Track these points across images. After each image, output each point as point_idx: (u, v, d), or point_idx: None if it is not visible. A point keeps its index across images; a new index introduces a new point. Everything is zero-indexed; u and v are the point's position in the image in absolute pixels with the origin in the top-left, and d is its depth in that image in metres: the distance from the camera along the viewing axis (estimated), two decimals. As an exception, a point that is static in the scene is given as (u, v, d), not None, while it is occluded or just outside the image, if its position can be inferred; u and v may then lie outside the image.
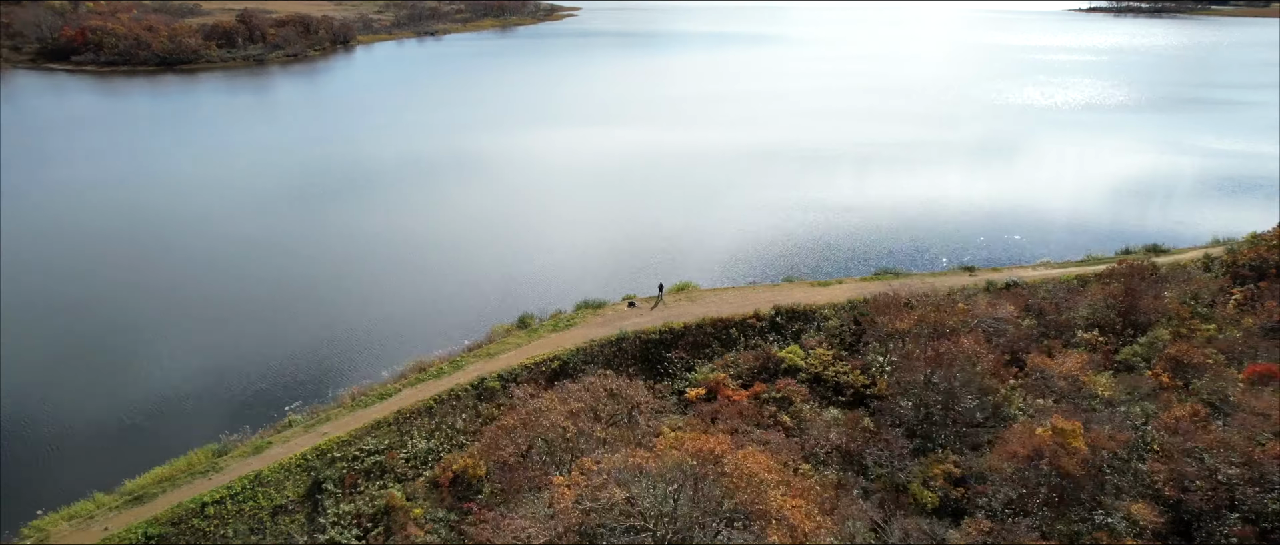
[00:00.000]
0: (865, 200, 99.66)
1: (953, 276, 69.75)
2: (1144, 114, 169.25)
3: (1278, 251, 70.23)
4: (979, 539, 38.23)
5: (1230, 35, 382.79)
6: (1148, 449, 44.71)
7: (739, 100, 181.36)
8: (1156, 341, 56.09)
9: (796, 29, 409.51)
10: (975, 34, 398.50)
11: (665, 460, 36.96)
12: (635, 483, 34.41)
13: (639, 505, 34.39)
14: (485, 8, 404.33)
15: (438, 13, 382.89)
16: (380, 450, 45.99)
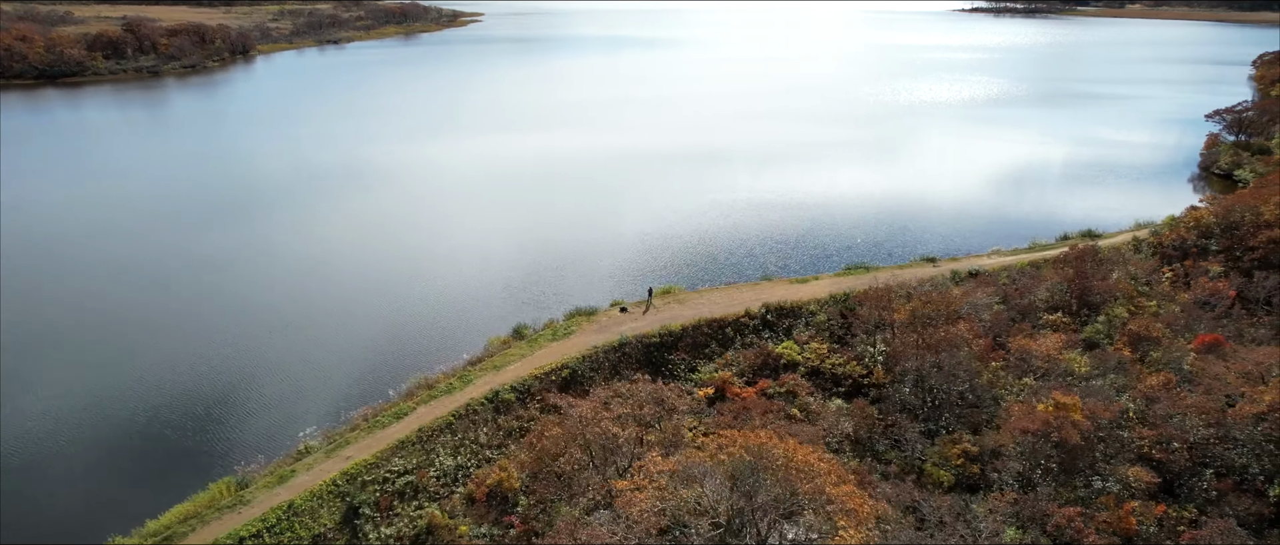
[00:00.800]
0: (815, 199, 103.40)
1: (918, 268, 73.69)
2: (1041, 109, 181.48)
3: (1194, 233, 77.59)
4: (1008, 508, 41.09)
5: (1094, 34, 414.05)
6: (1128, 418, 48.78)
7: (657, 104, 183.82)
8: (1114, 319, 61.15)
9: (692, 32, 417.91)
10: (868, 34, 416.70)
11: (720, 457, 38.25)
12: (710, 479, 35.43)
13: (713, 502, 35.45)
14: (387, 14, 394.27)
15: (338, 20, 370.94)
16: (410, 470, 45.30)
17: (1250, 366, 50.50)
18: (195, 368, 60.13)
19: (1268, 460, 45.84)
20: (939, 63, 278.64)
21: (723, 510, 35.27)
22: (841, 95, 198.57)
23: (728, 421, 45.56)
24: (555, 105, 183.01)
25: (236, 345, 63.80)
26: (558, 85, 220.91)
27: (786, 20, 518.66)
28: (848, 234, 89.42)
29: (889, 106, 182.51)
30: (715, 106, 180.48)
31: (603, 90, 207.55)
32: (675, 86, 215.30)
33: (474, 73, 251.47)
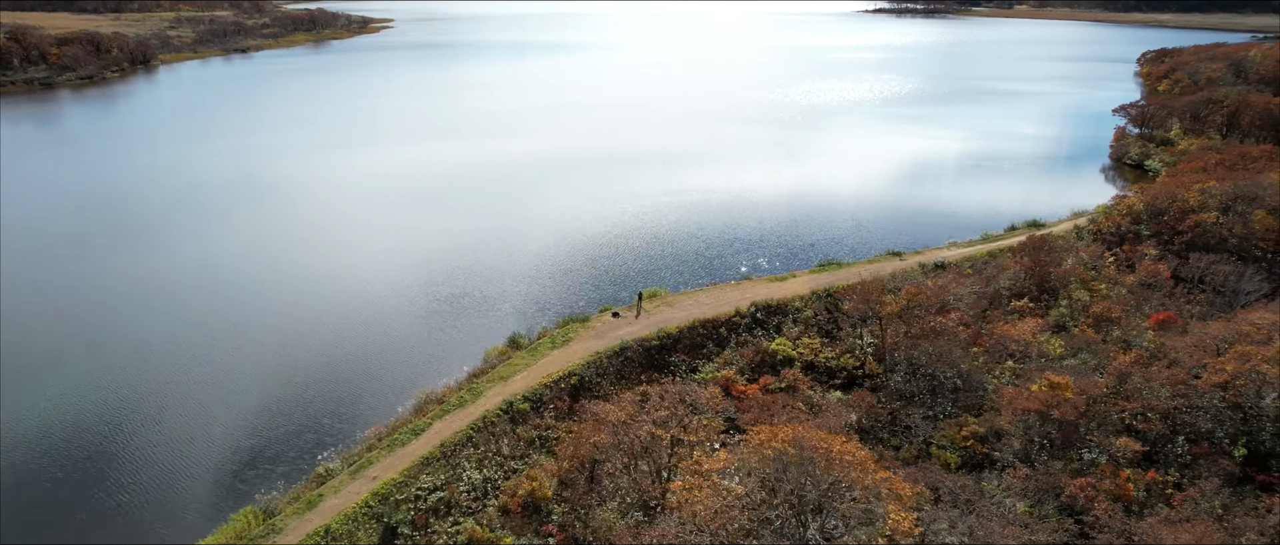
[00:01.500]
0: (767, 199, 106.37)
1: (886, 262, 77.14)
2: (956, 106, 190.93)
3: (1128, 219, 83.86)
4: (1021, 483, 43.99)
5: (989, 33, 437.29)
6: (1109, 394, 52.73)
7: (586, 109, 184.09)
8: (1076, 302, 65.76)
9: (599, 36, 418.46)
10: (775, 36, 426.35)
11: (763, 452, 39.64)
12: (768, 473, 36.71)
13: (765, 497, 36.75)
14: (294, 21, 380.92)
15: (243, 28, 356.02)
16: (439, 486, 44.93)
17: (1208, 340, 55.37)
18: (181, 398, 57.56)
19: (1230, 424, 50.43)
20: (850, 62, 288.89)
21: (778, 503, 36.61)
22: (763, 98, 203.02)
23: (753, 418, 46.92)
24: (484, 112, 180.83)
25: (224, 370, 61.33)
26: (481, 92, 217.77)
27: (690, 22, 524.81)
28: (807, 232, 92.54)
29: (817, 108, 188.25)
30: (643, 111, 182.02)
31: (525, 97, 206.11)
32: (599, 91, 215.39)
33: (394, 80, 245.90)
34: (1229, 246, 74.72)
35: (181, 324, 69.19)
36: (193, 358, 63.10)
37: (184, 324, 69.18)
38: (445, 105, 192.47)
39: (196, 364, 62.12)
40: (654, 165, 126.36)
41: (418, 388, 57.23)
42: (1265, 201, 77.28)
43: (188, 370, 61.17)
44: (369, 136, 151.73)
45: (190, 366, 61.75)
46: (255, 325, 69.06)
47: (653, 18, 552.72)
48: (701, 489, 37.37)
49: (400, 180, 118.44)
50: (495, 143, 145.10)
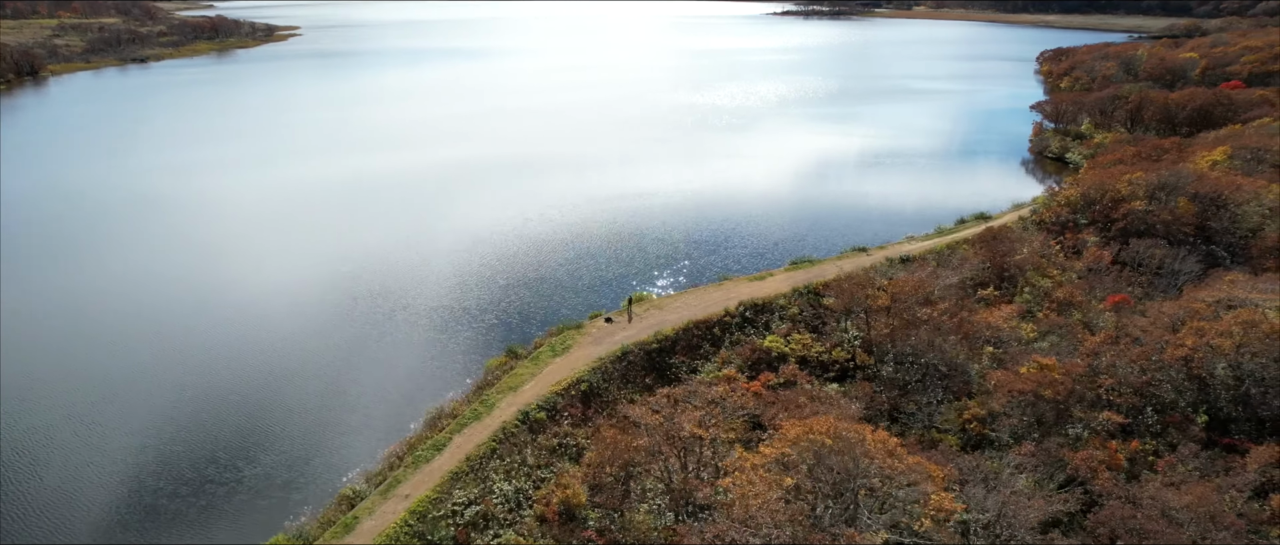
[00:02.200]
0: (723, 200, 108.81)
1: (854, 257, 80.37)
2: (876, 105, 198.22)
3: (1067, 210, 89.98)
4: (1029, 459, 47.18)
5: (893, 33, 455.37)
6: (1090, 372, 56.86)
7: (509, 115, 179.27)
8: (1038, 289, 70.37)
9: (510, 41, 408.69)
10: (685, 39, 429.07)
11: (801, 445, 41.37)
12: (813, 463, 38.38)
13: (814, 487, 38.43)
14: (194, 30, 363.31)
15: (138, 37, 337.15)
16: (474, 500, 44.83)
17: (1164, 319, 60.36)
18: (180, 423, 55.16)
19: (1191, 395, 55.23)
20: (766, 64, 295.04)
21: (828, 491, 38.36)
22: (687, 101, 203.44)
23: (774, 414, 48.57)
24: (410, 121, 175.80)
25: (220, 395, 59.02)
26: (403, 100, 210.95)
27: (593, 27, 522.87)
28: (768, 232, 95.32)
29: (744, 110, 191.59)
30: (569, 117, 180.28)
31: (447, 104, 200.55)
32: (521, 98, 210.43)
33: (309, 90, 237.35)
34: (1158, 231, 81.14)
35: (160, 345, 66.10)
36: (178, 387, 60.48)
37: (162, 345, 66.12)
38: (368, 115, 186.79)
39: (180, 393, 59.59)
40: (595, 171, 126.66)
41: (422, 403, 56.76)
42: (1185, 189, 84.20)
43: (173, 401, 58.61)
44: (296, 149, 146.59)
45: (173, 397, 59.18)
46: (235, 350, 66.57)
47: (557, 23, 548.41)
48: (755, 483, 38.72)
49: (340, 194, 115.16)
50: (427, 152, 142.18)
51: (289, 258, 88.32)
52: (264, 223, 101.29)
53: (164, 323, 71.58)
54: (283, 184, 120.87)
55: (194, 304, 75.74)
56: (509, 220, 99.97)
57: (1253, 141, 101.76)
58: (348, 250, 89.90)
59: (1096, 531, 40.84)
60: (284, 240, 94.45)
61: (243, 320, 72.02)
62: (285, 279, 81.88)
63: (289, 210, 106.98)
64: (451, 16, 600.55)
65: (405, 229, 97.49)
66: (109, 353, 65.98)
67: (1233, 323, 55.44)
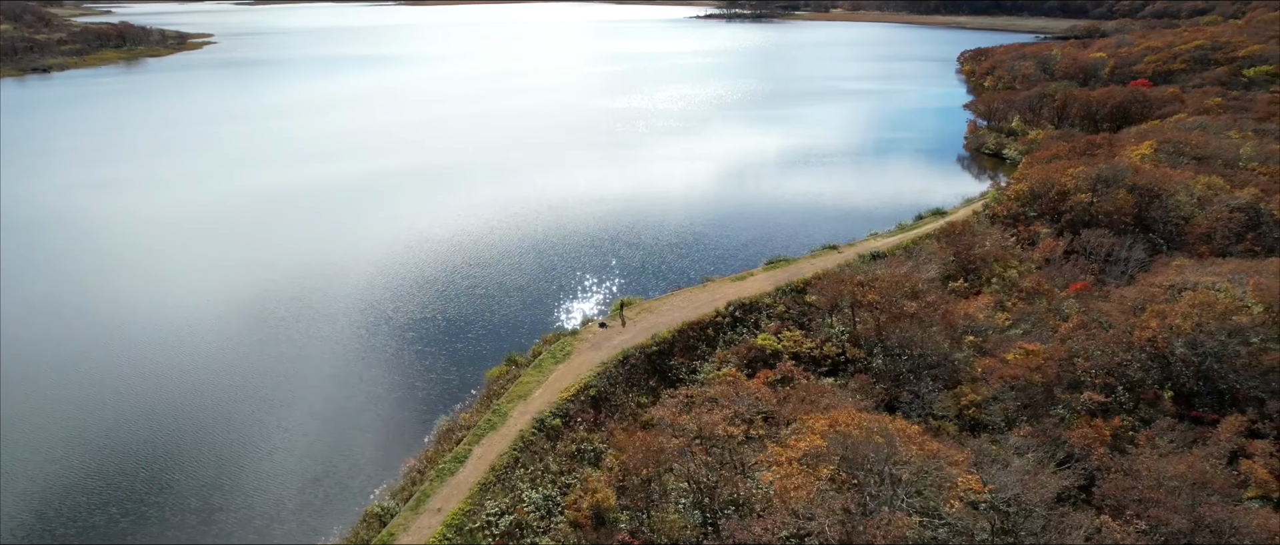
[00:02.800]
0: (687, 202, 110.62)
1: (826, 255, 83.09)
2: (814, 105, 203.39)
3: (1017, 204, 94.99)
4: (1028, 439, 50.15)
5: (815, 35, 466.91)
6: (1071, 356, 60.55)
7: (445, 123, 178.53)
8: (1006, 279, 74.34)
9: (433, 47, 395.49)
10: (613, 43, 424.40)
11: (831, 437, 43.16)
12: (846, 454, 40.12)
13: (853, 474, 40.21)
14: (100, 37, 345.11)
15: (36, 44, 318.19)
16: (506, 509, 45.03)
17: (1126, 303, 64.78)
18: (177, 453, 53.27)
19: (1157, 372, 59.51)
20: (696, 68, 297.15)
21: (865, 478, 40.18)
22: (622, 106, 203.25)
23: (793, 408, 50.21)
24: (340, 131, 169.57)
25: (230, 424, 57.16)
26: (329, 110, 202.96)
27: (513, 33, 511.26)
28: (738, 233, 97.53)
29: (684, 114, 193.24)
30: (507, 124, 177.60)
31: (377, 114, 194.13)
32: (453, 106, 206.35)
33: (232, 100, 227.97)
34: (1102, 221, 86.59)
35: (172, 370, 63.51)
36: (193, 413, 58.34)
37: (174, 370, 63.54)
38: (299, 126, 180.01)
39: (199, 420, 57.53)
40: (546, 179, 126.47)
41: (429, 415, 56.42)
42: (1123, 182, 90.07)
43: (190, 428, 56.55)
44: (230, 162, 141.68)
45: (189, 424, 57.11)
46: (222, 378, 64.54)
47: (475, 29, 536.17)
48: (794, 476, 40.24)
49: (291, 209, 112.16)
50: (371, 162, 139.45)
51: (252, 276, 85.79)
52: (229, 242, 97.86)
53: (118, 351, 68.73)
54: (228, 199, 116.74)
55: (151, 326, 72.97)
56: (474, 229, 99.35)
57: (1172, 136, 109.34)
58: (319, 267, 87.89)
59: (1103, 503, 43.94)
60: (244, 258, 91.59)
61: (219, 344, 69.82)
62: (251, 301, 79.57)
63: (237, 228, 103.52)
64: (366, 23, 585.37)
65: (369, 242, 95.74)
66: (63, 380, 63.12)
67: (1189, 305, 60.03)
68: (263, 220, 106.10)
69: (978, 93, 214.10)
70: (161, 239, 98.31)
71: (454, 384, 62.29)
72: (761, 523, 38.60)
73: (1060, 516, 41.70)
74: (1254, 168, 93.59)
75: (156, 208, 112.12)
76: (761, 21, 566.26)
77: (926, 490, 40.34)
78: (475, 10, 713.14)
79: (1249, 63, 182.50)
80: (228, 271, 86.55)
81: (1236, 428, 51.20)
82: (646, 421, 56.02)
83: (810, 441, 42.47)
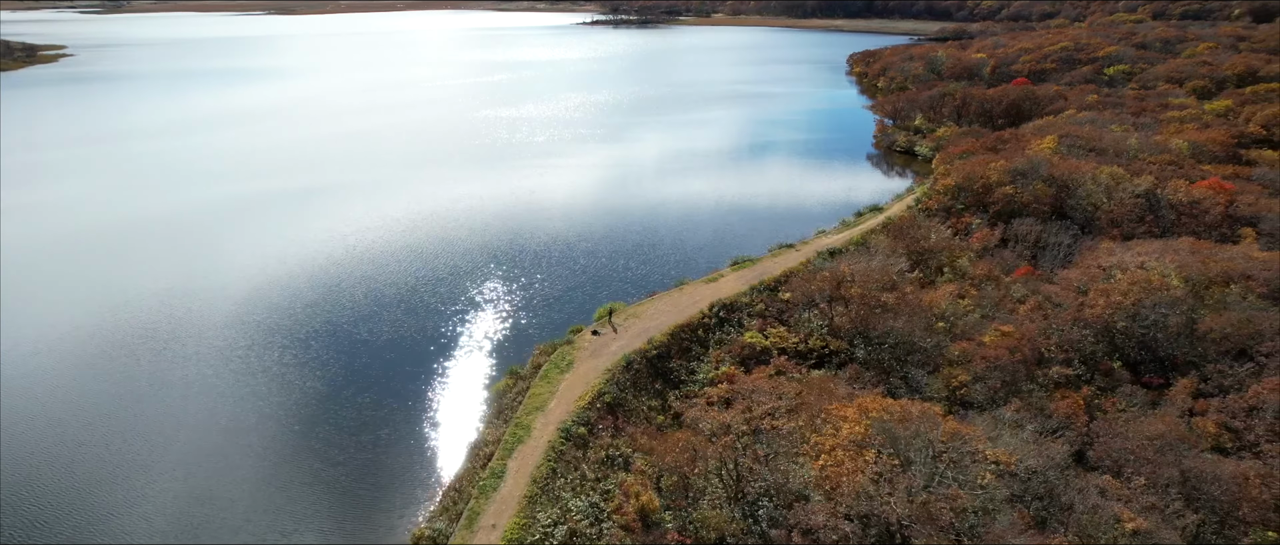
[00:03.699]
0: (639, 209, 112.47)
1: (786, 254, 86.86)
2: (721, 109, 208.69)
3: (947, 198, 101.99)
4: (1020, 413, 54.82)
5: (701, 40, 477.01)
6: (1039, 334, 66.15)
7: (343, 140, 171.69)
8: (958, 268, 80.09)
9: (308, 59, 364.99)
10: (500, 52, 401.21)
11: (865, 423, 46.15)
12: (885, 437, 43.09)
13: (894, 456, 43.20)
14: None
15: None
16: (558, 520, 45.52)
17: (1070, 285, 71.42)
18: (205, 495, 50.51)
19: (1105, 345, 66.05)
20: (592, 74, 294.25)
21: (907, 457, 43.27)
22: (515, 116, 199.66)
23: (815, 399, 52.87)
24: (242, 150, 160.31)
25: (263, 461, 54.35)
26: (225, 125, 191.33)
27: (393, 42, 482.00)
28: (696, 236, 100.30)
29: (600, 124, 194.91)
30: (418, 140, 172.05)
31: (273, 131, 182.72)
32: (354, 120, 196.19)
33: (106, 118, 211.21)
34: (1025, 211, 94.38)
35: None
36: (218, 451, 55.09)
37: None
38: (190, 145, 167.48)
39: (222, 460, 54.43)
40: (462, 187, 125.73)
41: (448, 434, 55.96)
42: (1040, 174, 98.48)
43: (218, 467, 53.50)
44: (123, 184, 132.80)
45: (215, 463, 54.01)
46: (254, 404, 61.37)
47: (350, 39, 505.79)
48: (845, 463, 42.84)
49: (224, 228, 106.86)
50: (285, 180, 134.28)
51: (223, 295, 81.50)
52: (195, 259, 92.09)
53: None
54: (133, 221, 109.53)
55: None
56: (410, 245, 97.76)
57: (1069, 131, 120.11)
58: (293, 286, 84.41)
59: (1101, 464, 48.87)
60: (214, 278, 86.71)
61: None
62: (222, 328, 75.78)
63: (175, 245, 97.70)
64: (233, 33, 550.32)
65: (320, 257, 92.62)
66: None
67: (1128, 283, 66.98)
68: (195, 249, 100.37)
69: (872, 94, 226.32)
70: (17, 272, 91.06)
71: (460, 400, 61.69)
72: (824, 507, 40.98)
73: (1073, 478, 46.20)
74: (1146, 158, 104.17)
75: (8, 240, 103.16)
76: (648, 27, 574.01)
77: (961, 463, 43.84)
78: (347, 19, 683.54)
79: (1108, 62, 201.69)
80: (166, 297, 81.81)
81: (1188, 389, 57.82)
82: (661, 424, 57.67)
83: (851, 429, 45.25)
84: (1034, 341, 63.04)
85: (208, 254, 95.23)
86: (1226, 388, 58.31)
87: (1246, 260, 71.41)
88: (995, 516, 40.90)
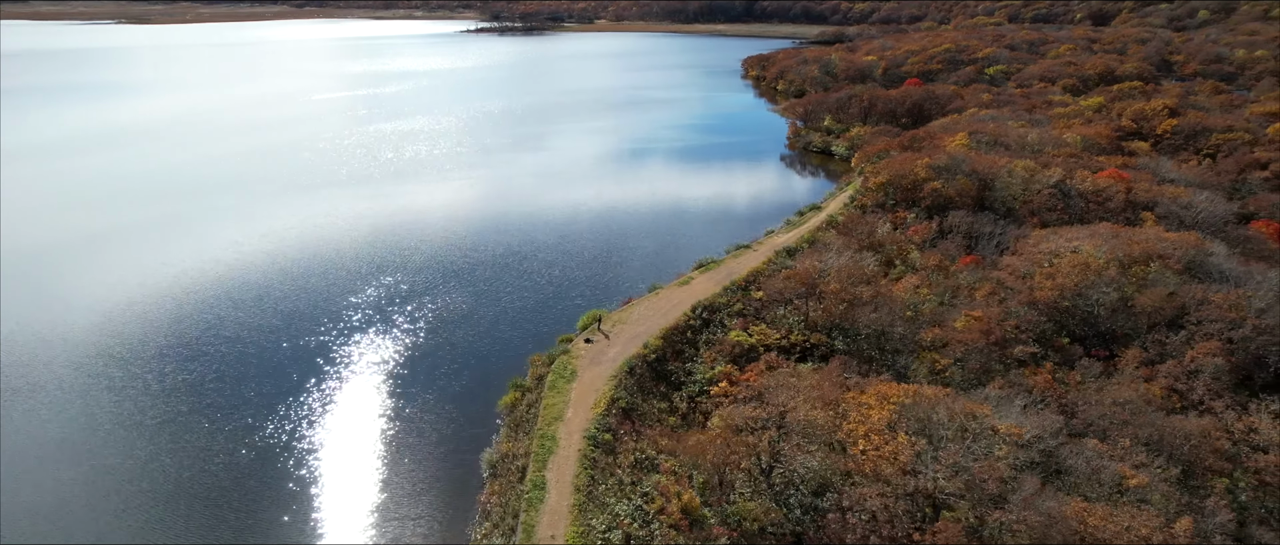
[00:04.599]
0: (581, 219, 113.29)
1: (744, 254, 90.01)
2: (631, 115, 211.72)
3: (878, 196, 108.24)
4: (1003, 390, 59.68)
5: (590, 46, 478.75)
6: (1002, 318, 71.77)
7: (271, 156, 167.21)
8: (910, 259, 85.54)
9: (177, 72, 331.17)
10: (387, 62, 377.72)
11: (884, 412, 49.47)
12: (911, 419, 46.43)
13: (922, 434, 46.58)
14: None
15: None
16: (611, 525, 46.33)
17: (1016, 270, 77.88)
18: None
19: (1053, 323, 72.57)
20: (490, 82, 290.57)
21: (947, 436, 46.75)
22: (400, 130, 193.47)
23: (827, 390, 55.77)
24: (123, 173, 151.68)
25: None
26: (96, 145, 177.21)
27: (257, 53, 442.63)
28: (648, 241, 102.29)
29: (512, 135, 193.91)
30: (338, 158, 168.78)
31: (151, 152, 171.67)
32: (253, 137, 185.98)
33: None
34: (953, 204, 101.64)
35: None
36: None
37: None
38: (77, 166, 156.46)
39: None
40: (370, 204, 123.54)
41: (457, 448, 55.59)
42: (963, 170, 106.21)
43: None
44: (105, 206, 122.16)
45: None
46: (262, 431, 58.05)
47: (217, 51, 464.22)
48: (886, 445, 45.88)
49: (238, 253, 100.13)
50: (206, 200, 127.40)
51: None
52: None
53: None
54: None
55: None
56: (358, 265, 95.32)
57: (973, 127, 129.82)
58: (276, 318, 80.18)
59: (1087, 430, 54.15)
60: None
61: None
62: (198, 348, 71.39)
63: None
64: (84, 45, 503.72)
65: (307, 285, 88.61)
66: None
67: (1070, 266, 73.90)
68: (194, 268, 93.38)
69: (772, 97, 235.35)
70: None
71: (465, 420, 61.19)
72: (874, 488, 43.82)
73: (1071, 443, 51.09)
74: (1050, 152, 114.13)
75: None
76: (533, 34, 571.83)
77: (982, 437, 47.75)
78: (210, 30, 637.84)
79: (988, 63, 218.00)
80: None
81: (1137, 359, 64.58)
82: (674, 425, 59.27)
83: (881, 413, 48.42)
84: (999, 325, 68.55)
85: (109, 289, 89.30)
86: (1166, 355, 65.47)
87: (1159, 240, 79.98)
88: (1021, 483, 44.91)
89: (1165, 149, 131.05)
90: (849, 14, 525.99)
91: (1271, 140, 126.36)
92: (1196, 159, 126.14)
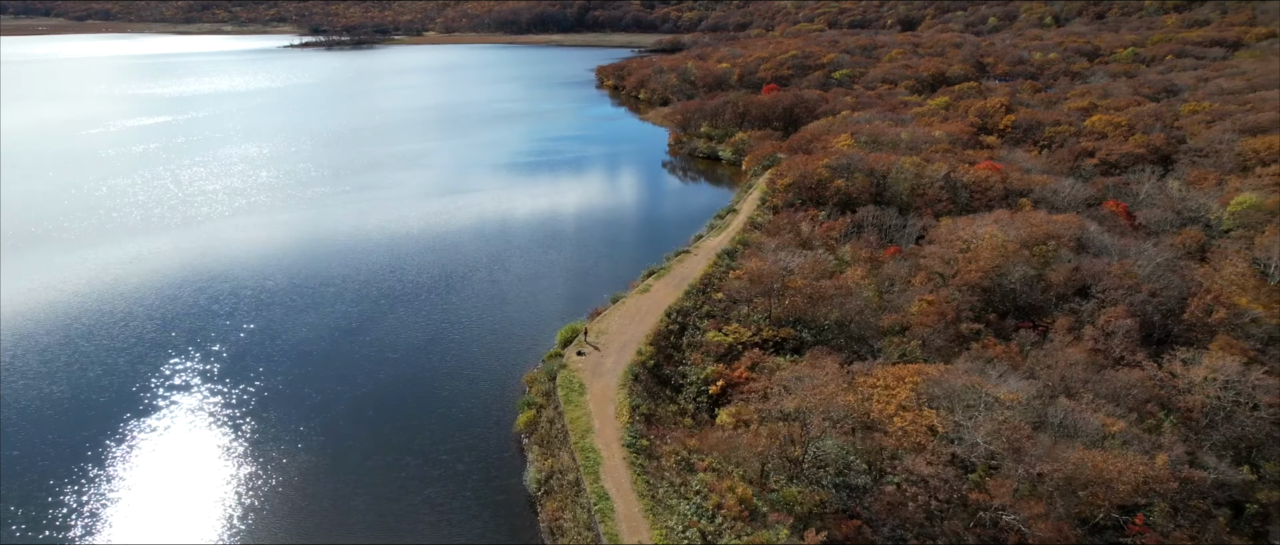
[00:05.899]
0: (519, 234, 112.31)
1: (687, 259, 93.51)
2: (493, 130, 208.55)
3: (789, 194, 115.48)
4: (974, 364, 66.73)
5: (427, 59, 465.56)
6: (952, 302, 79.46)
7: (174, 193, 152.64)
8: (840, 254, 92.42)
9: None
10: (177, 84, 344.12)
11: (905, 391, 54.63)
12: (932, 397, 51.71)
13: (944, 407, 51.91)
14: None
15: None
16: (685, 526, 48.11)
17: (938, 256, 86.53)
18: None
19: (981, 300, 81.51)
20: (326, 99, 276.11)
21: (966, 408, 52.24)
22: (251, 154, 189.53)
23: (836, 384, 60.05)
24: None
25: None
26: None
27: (38, 75, 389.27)
28: (586, 252, 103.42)
29: (411, 157, 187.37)
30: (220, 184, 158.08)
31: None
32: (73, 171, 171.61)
33: None
34: (857, 201, 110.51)
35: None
36: None
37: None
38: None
39: None
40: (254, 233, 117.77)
41: (509, 477, 55.35)
42: (858, 168, 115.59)
43: None
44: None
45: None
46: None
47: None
48: (917, 421, 50.76)
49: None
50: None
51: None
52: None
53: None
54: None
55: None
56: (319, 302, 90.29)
57: (852, 128, 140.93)
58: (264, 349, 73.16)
59: (1054, 390, 61.99)
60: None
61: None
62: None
63: None
64: None
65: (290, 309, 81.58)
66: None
67: (990, 250, 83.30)
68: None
69: (633, 106, 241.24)
70: None
71: (477, 439, 60.35)
72: (922, 457, 48.54)
73: (1047, 402, 58.50)
74: (928, 149, 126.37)
75: None
76: (363, 47, 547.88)
77: (992, 405, 53.87)
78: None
79: (833, 67, 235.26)
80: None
81: (1065, 326, 74.15)
82: (690, 426, 61.62)
83: (903, 392, 53.36)
84: (949, 306, 76.32)
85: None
86: (1082, 321, 75.63)
87: (1049, 222, 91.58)
88: (1037, 440, 51.28)
89: (1008, 142, 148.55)
90: (679, 22, 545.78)
91: (1090, 131, 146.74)
92: (1036, 150, 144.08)
